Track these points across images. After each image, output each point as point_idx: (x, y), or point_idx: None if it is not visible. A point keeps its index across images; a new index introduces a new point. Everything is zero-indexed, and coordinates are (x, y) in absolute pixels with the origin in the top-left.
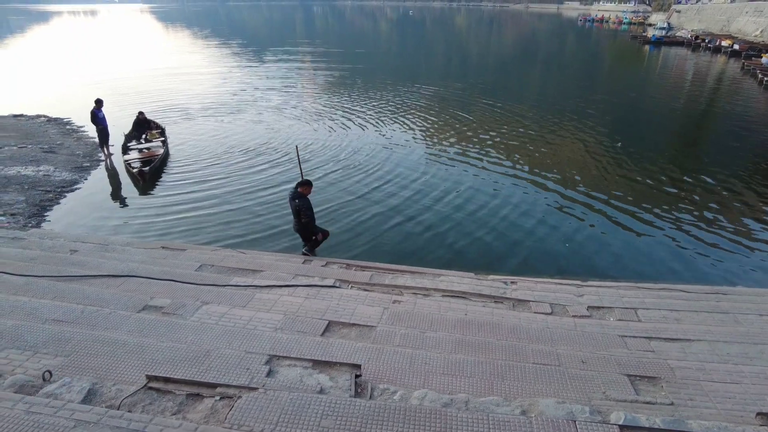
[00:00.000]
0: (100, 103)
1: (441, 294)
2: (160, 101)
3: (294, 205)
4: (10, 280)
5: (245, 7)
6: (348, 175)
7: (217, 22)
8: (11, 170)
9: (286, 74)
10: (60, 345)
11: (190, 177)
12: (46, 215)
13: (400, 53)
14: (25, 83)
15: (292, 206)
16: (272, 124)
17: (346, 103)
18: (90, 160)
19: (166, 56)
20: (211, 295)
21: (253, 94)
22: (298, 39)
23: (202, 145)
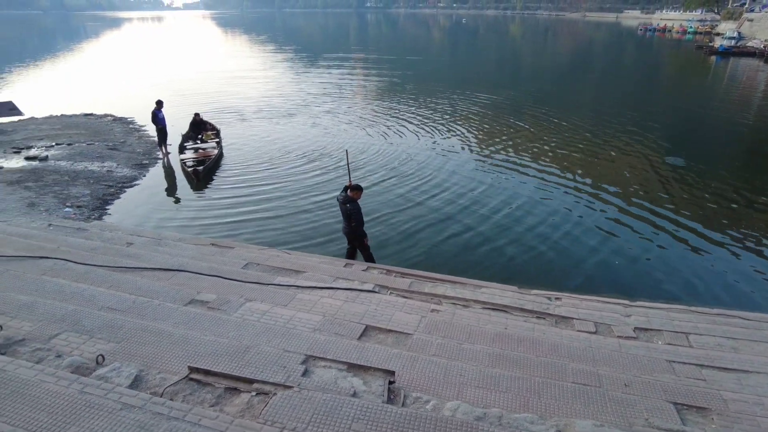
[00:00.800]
0: (160, 104)
1: (481, 306)
2: (216, 103)
3: (345, 209)
4: (73, 268)
5: (301, 15)
6: (397, 181)
7: (274, 28)
8: (80, 165)
9: (338, 80)
10: (112, 332)
11: (241, 177)
12: (107, 209)
13: (452, 61)
14: (96, 84)
15: (343, 210)
16: (324, 128)
17: (398, 110)
18: (149, 158)
19: (223, 60)
20: (254, 292)
21: (306, 99)
22: (351, 46)
23: (255, 147)
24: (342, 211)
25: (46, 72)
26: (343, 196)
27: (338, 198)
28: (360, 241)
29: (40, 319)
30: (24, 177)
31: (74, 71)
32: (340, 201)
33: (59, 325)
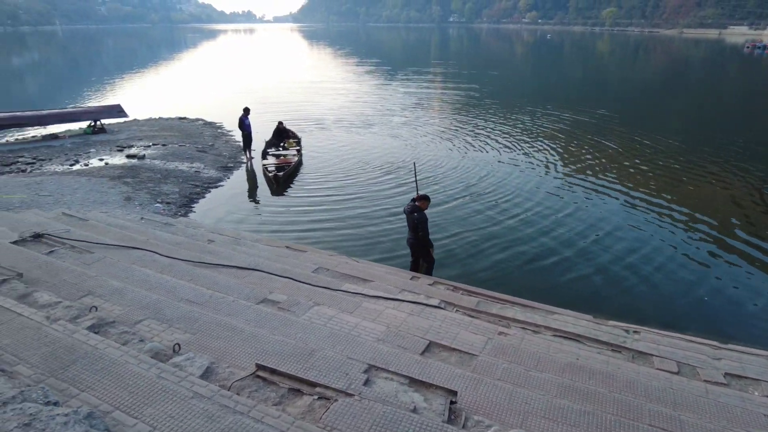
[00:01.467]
0: (247, 111)
1: (552, 333)
2: (298, 112)
3: (412, 219)
4: (159, 260)
5: (384, 28)
6: (474, 197)
7: (357, 41)
8: (172, 165)
9: (417, 92)
10: (189, 323)
11: (318, 185)
12: (193, 207)
13: (534, 77)
14: (191, 90)
15: (410, 220)
16: (401, 140)
17: (477, 124)
18: (234, 161)
19: (307, 71)
20: (323, 297)
21: (385, 110)
22: (432, 59)
23: (333, 155)
24: (408, 221)
25: (149, 78)
26: (410, 206)
27: (405, 208)
28: (425, 252)
29: (128, 305)
30: (124, 173)
31: (173, 78)
32: (407, 211)
33: (144, 312)
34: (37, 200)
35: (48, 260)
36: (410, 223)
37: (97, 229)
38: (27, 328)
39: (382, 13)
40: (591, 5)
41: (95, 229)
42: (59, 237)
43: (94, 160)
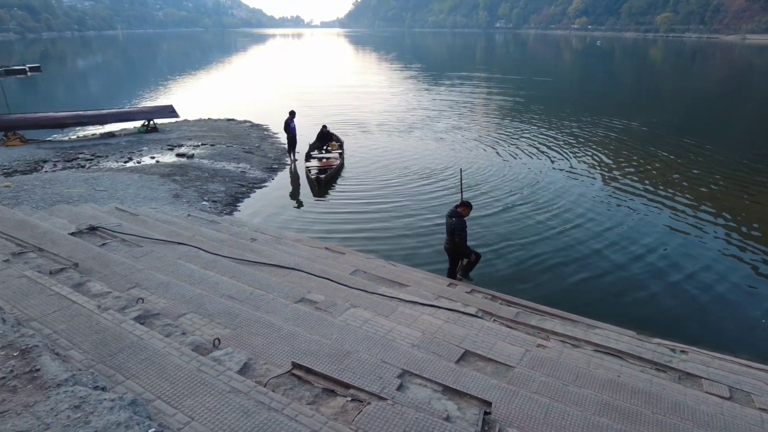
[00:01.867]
0: (293, 115)
1: (592, 348)
2: (342, 115)
3: (450, 223)
4: (203, 256)
5: (429, 34)
6: (521, 206)
7: (402, 46)
8: (219, 164)
9: (461, 97)
10: (229, 318)
11: (359, 188)
12: (238, 205)
13: (583, 83)
14: (239, 92)
15: (448, 224)
16: (444, 145)
17: (523, 130)
18: (278, 163)
19: (352, 75)
20: (359, 299)
21: (428, 115)
22: (477, 65)
23: (375, 160)
24: (447, 226)
25: (200, 80)
26: (451, 210)
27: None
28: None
29: (173, 298)
30: (173, 171)
31: (223, 81)
32: (447, 215)
33: (187, 306)
34: (94, 195)
35: (101, 252)
36: (448, 228)
37: (146, 224)
38: (80, 316)
39: (428, 18)
40: (645, 10)
41: (145, 224)
42: (112, 230)
43: (146, 158)
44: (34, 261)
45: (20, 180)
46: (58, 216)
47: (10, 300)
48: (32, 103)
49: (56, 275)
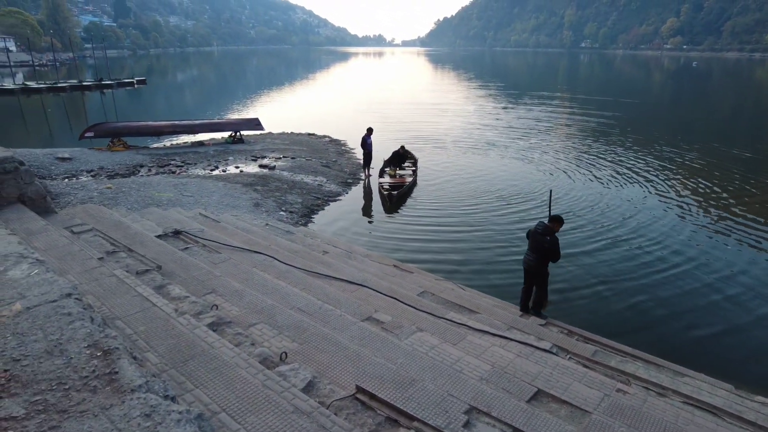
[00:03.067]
0: (370, 131)
1: (681, 399)
2: (418, 131)
3: (542, 242)
4: (277, 266)
5: (510, 53)
6: (600, 232)
7: (482, 65)
8: (298, 176)
9: (542, 117)
10: (298, 332)
11: (431, 206)
12: (313, 217)
13: (677, 106)
14: (321, 108)
15: (539, 242)
16: (522, 167)
17: (609, 153)
18: (353, 177)
19: (430, 92)
20: (426, 323)
21: (506, 134)
22: (560, 85)
23: (449, 177)
24: (536, 243)
25: (285, 95)
26: (542, 227)
27: (534, 229)
28: (543, 279)
29: (245, 307)
30: (255, 181)
31: (306, 96)
32: (538, 232)
33: (258, 316)
34: (181, 199)
35: (183, 256)
36: (538, 246)
37: (226, 231)
38: (158, 319)
39: (510, 37)
40: (750, 28)
41: (225, 231)
42: (194, 235)
43: (231, 167)
44: (124, 261)
45: (120, 182)
46: (148, 218)
47: (101, 297)
48: (135, 112)
49: (141, 276)
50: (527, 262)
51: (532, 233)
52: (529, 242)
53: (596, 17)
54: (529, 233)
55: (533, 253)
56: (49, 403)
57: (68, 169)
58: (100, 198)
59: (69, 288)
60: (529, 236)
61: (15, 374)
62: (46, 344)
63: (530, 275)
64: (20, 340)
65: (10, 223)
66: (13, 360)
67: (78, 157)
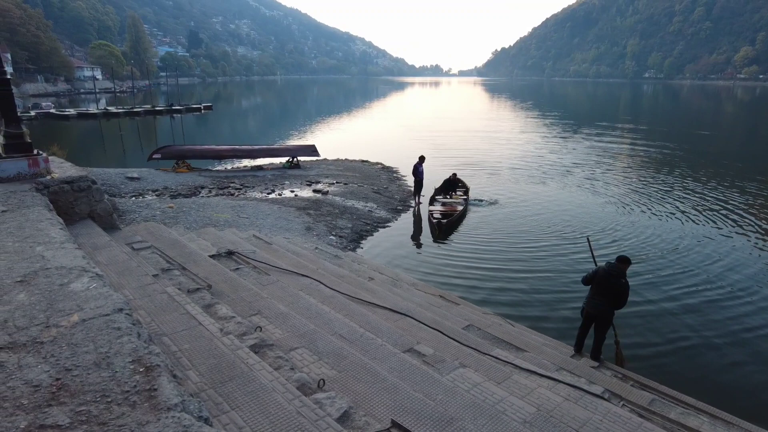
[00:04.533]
0: (422, 159)
1: None
2: (471, 158)
3: (617, 285)
4: (322, 290)
5: (570, 83)
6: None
7: (539, 95)
8: (349, 202)
9: (602, 148)
10: (337, 360)
11: (480, 236)
12: (361, 243)
13: (753, 139)
14: (375, 135)
15: (612, 285)
16: (579, 198)
17: (675, 188)
18: (403, 204)
19: (484, 120)
20: (470, 359)
21: (564, 164)
22: (621, 115)
23: (501, 207)
24: (608, 286)
25: (341, 122)
26: (616, 269)
27: (606, 271)
28: (606, 324)
29: (288, 330)
30: (309, 205)
31: (361, 123)
32: (612, 274)
33: (299, 340)
34: (237, 221)
35: (233, 276)
36: (610, 289)
37: (277, 253)
38: (203, 338)
39: (569, 67)
40: None
41: (276, 253)
42: (246, 256)
43: (286, 191)
44: (177, 278)
45: (181, 202)
46: (204, 238)
47: (151, 313)
48: (201, 136)
49: (192, 294)
50: (595, 307)
51: (602, 275)
52: (595, 285)
53: (661, 47)
54: (596, 275)
55: (602, 297)
56: (92, 414)
57: (136, 188)
58: (161, 216)
59: (122, 303)
60: (595, 279)
61: (65, 383)
62: (96, 356)
63: (593, 320)
64: (73, 351)
65: (78, 238)
66: (65, 369)
67: (145, 177)
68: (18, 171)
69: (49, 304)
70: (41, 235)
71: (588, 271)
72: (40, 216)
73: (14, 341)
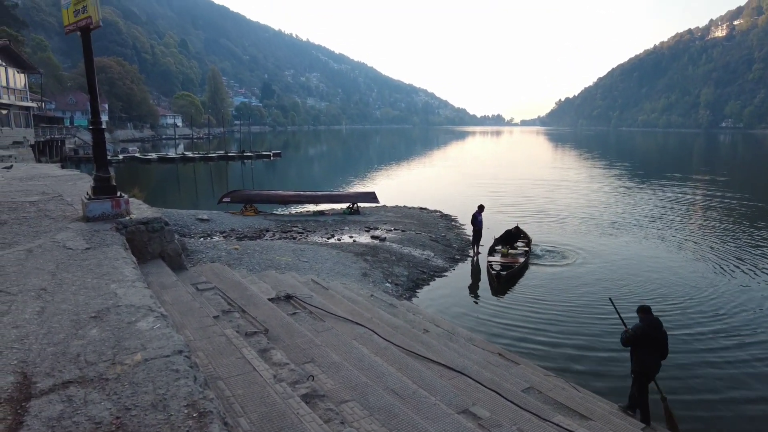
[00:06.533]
0: (481, 208)
1: None
2: (534, 207)
3: (663, 336)
4: (376, 340)
5: (638, 133)
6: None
7: (606, 145)
8: (406, 249)
9: (676, 200)
10: (388, 417)
11: (543, 290)
12: (417, 292)
13: None
14: (434, 182)
15: (663, 338)
16: (654, 252)
17: (756, 246)
18: (461, 254)
19: (548, 169)
20: (530, 425)
21: (634, 216)
22: (696, 166)
23: (565, 260)
24: (656, 338)
25: (401, 170)
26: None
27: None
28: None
29: (340, 381)
30: (366, 251)
31: (420, 171)
32: (655, 326)
33: (351, 393)
34: (297, 264)
35: (290, 321)
36: (659, 341)
37: (333, 299)
38: (256, 384)
39: (637, 117)
40: None
41: (332, 298)
42: (303, 301)
43: (345, 237)
44: (236, 321)
45: (246, 244)
46: (265, 281)
47: (209, 355)
48: (268, 181)
49: (249, 338)
50: (655, 367)
51: (650, 330)
52: (643, 343)
53: (740, 95)
54: (643, 332)
55: (657, 351)
56: None
57: (205, 229)
58: (226, 258)
59: (182, 345)
60: (643, 336)
61: (124, 423)
62: (154, 397)
63: (650, 378)
64: (134, 390)
65: (148, 276)
66: (125, 408)
67: (214, 219)
68: (103, 211)
69: (116, 341)
70: (116, 273)
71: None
72: (117, 254)
73: (83, 376)
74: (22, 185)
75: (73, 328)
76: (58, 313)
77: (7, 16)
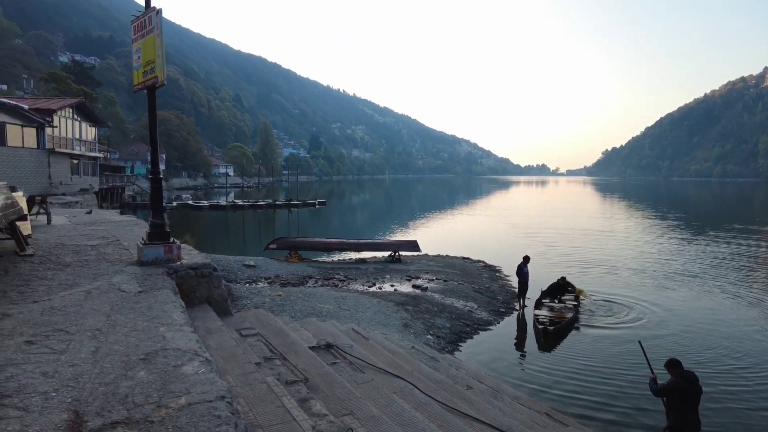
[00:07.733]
0: (527, 260)
1: None
2: (582, 257)
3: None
4: (417, 395)
5: (690, 183)
6: None
7: (656, 195)
8: (448, 300)
9: (739, 252)
10: None
11: (594, 346)
12: (460, 345)
13: None
14: (478, 232)
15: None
16: (710, 307)
17: None
18: (506, 306)
19: (596, 219)
20: None
21: (691, 268)
22: (758, 217)
23: (616, 314)
24: (694, 392)
25: (444, 219)
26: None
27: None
28: None
29: None
30: (407, 301)
31: (463, 220)
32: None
33: None
34: (338, 312)
35: (329, 371)
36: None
37: (374, 350)
38: None
39: (689, 166)
40: None
41: (372, 349)
42: (343, 351)
43: (386, 285)
44: (277, 368)
45: (289, 291)
46: (306, 328)
47: (250, 402)
48: (313, 228)
49: (289, 386)
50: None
51: (688, 384)
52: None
53: None
54: (679, 387)
55: (695, 407)
56: None
57: (251, 275)
58: (270, 304)
59: (224, 391)
60: (680, 391)
61: None
62: None
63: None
64: None
65: (195, 321)
66: None
67: (260, 265)
68: (156, 256)
69: (162, 384)
70: (165, 317)
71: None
72: (167, 298)
73: (130, 417)
74: (85, 229)
75: (123, 369)
76: (110, 354)
77: (85, 76)
